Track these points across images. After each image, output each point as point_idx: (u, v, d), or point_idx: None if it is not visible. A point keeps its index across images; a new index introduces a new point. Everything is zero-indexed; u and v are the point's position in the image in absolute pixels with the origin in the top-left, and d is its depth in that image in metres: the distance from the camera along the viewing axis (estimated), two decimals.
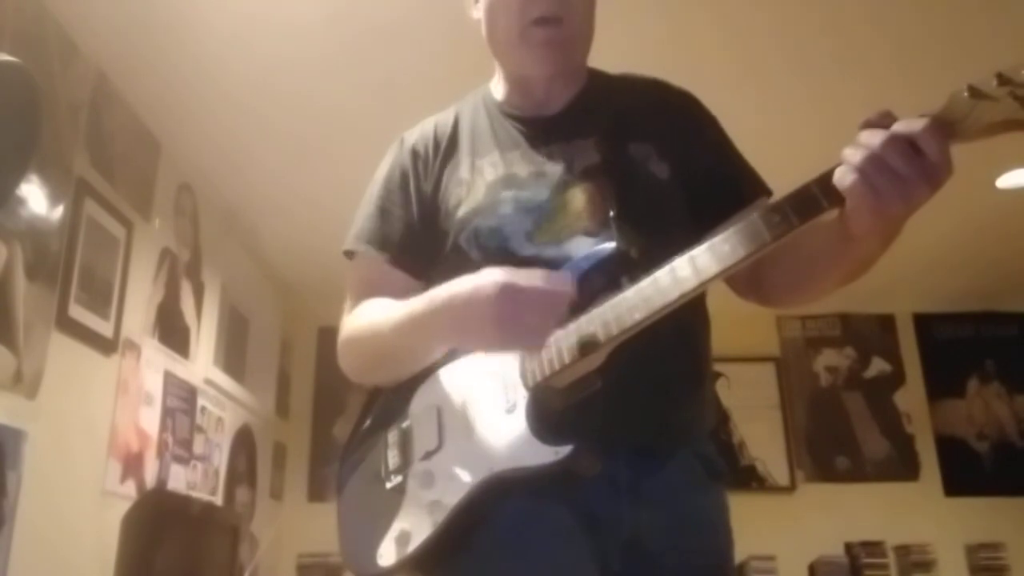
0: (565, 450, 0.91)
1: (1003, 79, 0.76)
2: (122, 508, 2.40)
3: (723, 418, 4.50)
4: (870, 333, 4.74)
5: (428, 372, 1.08)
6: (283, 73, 2.57)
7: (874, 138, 0.80)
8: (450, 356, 1.07)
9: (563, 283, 0.92)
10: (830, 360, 4.71)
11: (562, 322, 0.93)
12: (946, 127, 0.79)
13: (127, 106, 2.64)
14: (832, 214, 0.84)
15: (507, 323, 0.90)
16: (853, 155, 0.81)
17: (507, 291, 0.90)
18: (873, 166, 0.79)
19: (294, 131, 2.88)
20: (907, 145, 0.78)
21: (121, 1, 2.22)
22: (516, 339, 0.92)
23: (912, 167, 0.78)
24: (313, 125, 2.83)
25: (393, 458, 1.07)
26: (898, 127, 0.80)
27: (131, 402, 2.58)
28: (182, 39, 2.39)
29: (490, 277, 0.93)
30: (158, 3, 2.25)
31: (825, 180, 0.83)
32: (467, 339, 0.97)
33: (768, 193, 1.15)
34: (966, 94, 0.78)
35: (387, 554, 1.00)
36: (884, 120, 0.82)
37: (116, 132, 2.58)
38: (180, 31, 2.36)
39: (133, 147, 2.70)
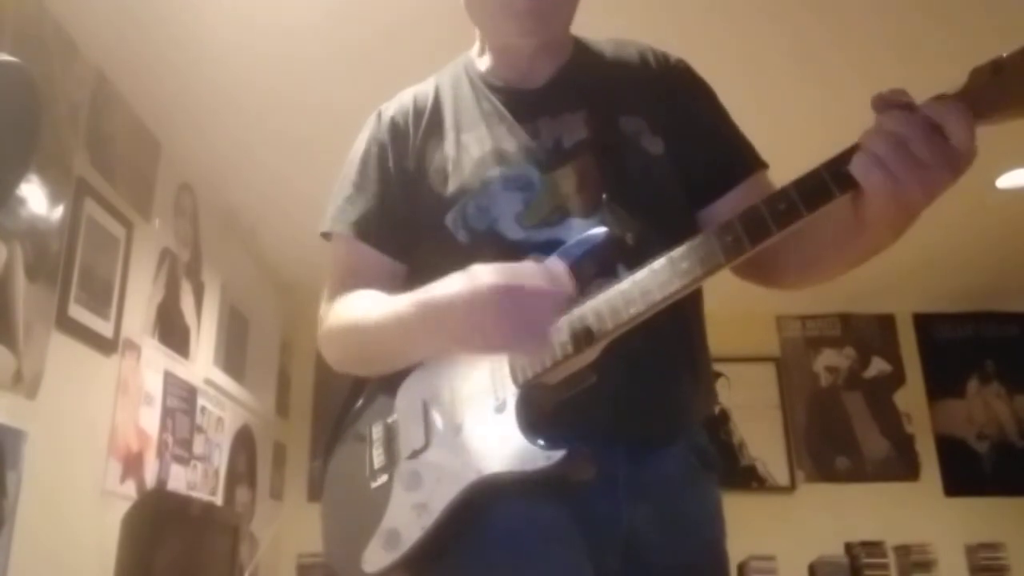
0: (558, 455, 0.85)
1: None
2: (122, 508, 2.39)
3: (723, 418, 4.49)
4: (870, 333, 4.74)
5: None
6: (283, 73, 2.57)
7: (900, 124, 0.73)
8: None
9: (562, 278, 0.87)
10: (830, 360, 4.71)
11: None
12: (974, 109, 0.72)
13: (127, 106, 2.64)
14: (841, 200, 0.78)
15: (512, 327, 0.84)
16: (875, 143, 0.74)
17: (509, 293, 0.84)
18: (898, 155, 0.73)
19: (294, 131, 2.87)
20: (934, 131, 0.72)
21: (121, 1, 2.22)
22: (522, 342, 0.85)
23: (938, 154, 0.72)
24: (313, 125, 2.83)
25: (378, 456, 1.01)
26: (925, 111, 0.73)
27: (131, 402, 2.58)
28: (182, 39, 2.39)
29: (486, 278, 0.85)
30: (158, 3, 2.24)
31: (836, 166, 0.77)
32: (469, 345, 0.90)
33: (764, 167, 1.09)
34: (989, 70, 0.72)
35: (374, 559, 0.95)
36: (899, 98, 0.75)
37: (116, 132, 2.57)
38: (180, 31, 2.35)
39: (133, 147, 2.70)
